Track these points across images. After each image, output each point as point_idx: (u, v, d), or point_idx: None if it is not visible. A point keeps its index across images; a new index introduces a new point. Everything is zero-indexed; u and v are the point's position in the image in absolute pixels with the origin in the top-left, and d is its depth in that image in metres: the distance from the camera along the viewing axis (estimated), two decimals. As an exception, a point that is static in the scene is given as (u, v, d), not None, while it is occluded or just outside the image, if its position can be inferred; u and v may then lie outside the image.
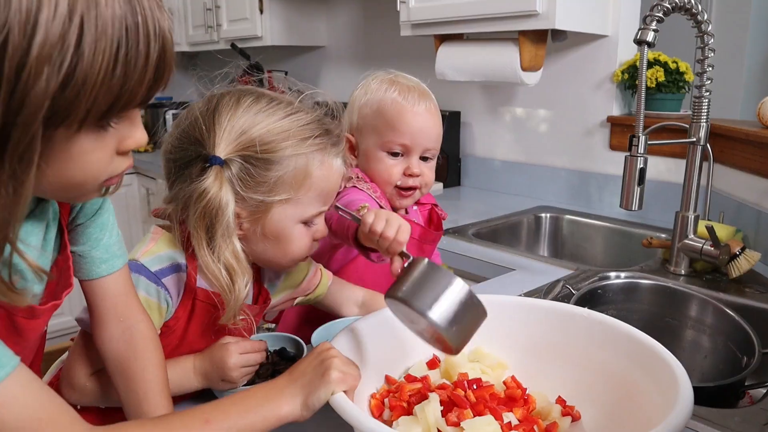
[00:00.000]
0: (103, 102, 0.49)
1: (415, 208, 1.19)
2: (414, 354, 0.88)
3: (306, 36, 2.89)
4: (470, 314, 0.69)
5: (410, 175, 1.08)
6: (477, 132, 2.36)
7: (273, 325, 1.76)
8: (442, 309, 0.67)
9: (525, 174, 2.22)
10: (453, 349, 0.69)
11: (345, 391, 0.67)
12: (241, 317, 0.85)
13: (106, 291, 0.75)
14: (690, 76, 1.84)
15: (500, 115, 2.28)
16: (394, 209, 1.11)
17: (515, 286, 1.29)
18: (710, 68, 1.24)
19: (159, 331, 0.83)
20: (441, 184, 2.29)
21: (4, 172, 0.47)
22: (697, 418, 0.82)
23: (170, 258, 0.84)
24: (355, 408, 0.64)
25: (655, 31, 1.12)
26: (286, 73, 3.09)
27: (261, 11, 2.75)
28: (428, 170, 1.10)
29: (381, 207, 1.04)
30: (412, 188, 1.09)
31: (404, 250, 0.77)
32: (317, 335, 0.95)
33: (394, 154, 1.07)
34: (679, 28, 2.01)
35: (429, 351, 0.89)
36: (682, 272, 1.36)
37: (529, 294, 1.25)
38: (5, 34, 0.44)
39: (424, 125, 1.06)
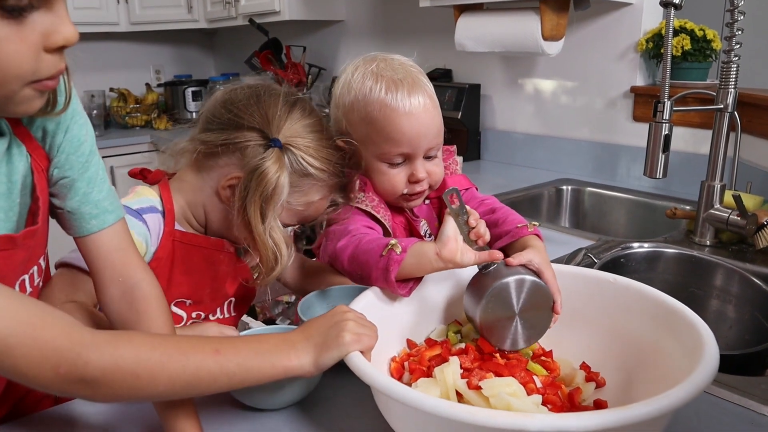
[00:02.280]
0: None
1: (427, 201, 1.08)
2: (435, 319, 0.88)
3: (324, 10, 2.87)
4: None
5: (416, 181, 0.96)
6: (497, 105, 2.33)
7: (293, 298, 1.77)
8: None
9: (546, 147, 2.19)
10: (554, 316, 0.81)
11: (362, 352, 0.67)
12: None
13: (100, 248, 0.74)
14: (717, 44, 1.79)
15: (521, 86, 2.24)
16: (401, 208, 1.02)
17: (536, 256, 1.27)
18: (739, 32, 1.20)
19: None
20: (461, 158, 2.26)
21: None
22: (723, 386, 0.81)
23: (149, 202, 0.89)
24: (370, 366, 0.64)
25: (682, -8, 1.09)
26: (304, 49, 3.07)
27: (278, -15, 2.73)
28: (435, 167, 0.97)
29: (380, 222, 0.96)
30: (421, 192, 0.98)
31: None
32: (304, 302, 0.96)
33: (396, 164, 0.95)
34: (706, -5, 1.95)
35: (450, 317, 0.88)
36: (707, 243, 1.33)
37: (550, 264, 1.24)
38: None
39: (420, 127, 0.91)
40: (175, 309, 0.93)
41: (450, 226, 0.78)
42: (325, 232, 0.96)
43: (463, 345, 0.79)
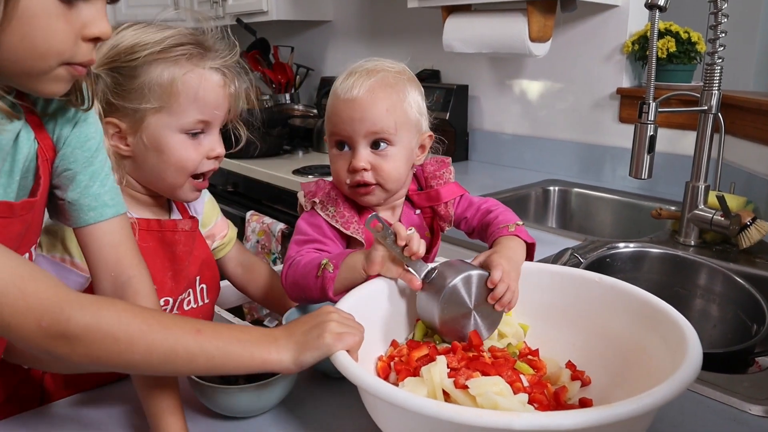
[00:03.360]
0: None
1: (417, 212, 1.01)
2: (415, 314, 0.88)
3: (312, 10, 2.86)
4: None
5: (354, 171, 0.90)
6: (485, 106, 2.34)
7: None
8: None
9: (533, 148, 2.20)
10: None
11: (349, 351, 0.68)
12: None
13: (95, 240, 0.76)
14: (702, 47, 1.81)
15: (508, 87, 2.25)
16: (363, 208, 0.97)
17: (523, 256, 1.28)
18: (723, 34, 1.22)
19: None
20: (449, 159, 2.27)
21: None
22: (706, 383, 0.82)
23: None
24: (357, 366, 0.65)
25: (667, -6, 1.10)
26: (292, 49, 3.07)
27: (266, -15, 2.72)
28: (383, 161, 0.90)
29: (344, 235, 0.93)
30: (363, 184, 0.91)
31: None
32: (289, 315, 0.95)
33: (340, 146, 0.92)
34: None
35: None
36: (692, 243, 1.35)
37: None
38: None
39: (355, 111, 0.88)
40: None
41: (378, 252, 0.82)
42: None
43: (449, 344, 0.80)
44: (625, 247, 1.28)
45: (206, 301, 1.04)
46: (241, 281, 1.18)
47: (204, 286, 1.03)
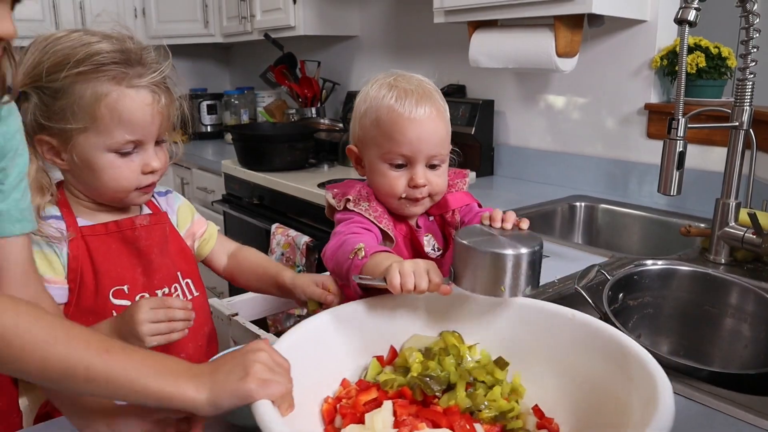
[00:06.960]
0: None
1: (431, 218, 1.08)
2: (374, 350, 0.84)
3: (339, 26, 2.89)
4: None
5: (415, 186, 0.97)
6: (511, 120, 2.33)
7: (305, 311, 1.77)
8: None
9: (560, 163, 2.18)
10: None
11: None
12: None
13: (8, 254, 0.72)
14: (732, 62, 1.78)
15: (535, 103, 2.24)
16: (404, 217, 1.03)
17: (549, 272, 1.26)
18: (755, 50, 1.20)
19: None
20: (474, 174, 2.27)
21: None
22: (738, 405, 0.80)
23: (48, 213, 0.90)
24: (276, 421, 0.57)
25: (697, 9, 1.09)
26: (319, 64, 3.09)
27: (294, 1, 2.76)
28: (436, 177, 0.99)
29: (380, 229, 0.97)
30: (420, 198, 0.99)
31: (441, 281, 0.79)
32: None
33: (398, 166, 0.97)
34: (722, 14, 1.95)
35: (385, 347, 0.84)
36: (722, 261, 1.32)
37: (562, 280, 1.23)
38: None
39: (422, 132, 0.95)
40: (119, 302, 0.93)
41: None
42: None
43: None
44: (653, 265, 1.26)
45: (196, 294, 1.04)
46: (231, 271, 1.15)
47: (189, 280, 1.03)
